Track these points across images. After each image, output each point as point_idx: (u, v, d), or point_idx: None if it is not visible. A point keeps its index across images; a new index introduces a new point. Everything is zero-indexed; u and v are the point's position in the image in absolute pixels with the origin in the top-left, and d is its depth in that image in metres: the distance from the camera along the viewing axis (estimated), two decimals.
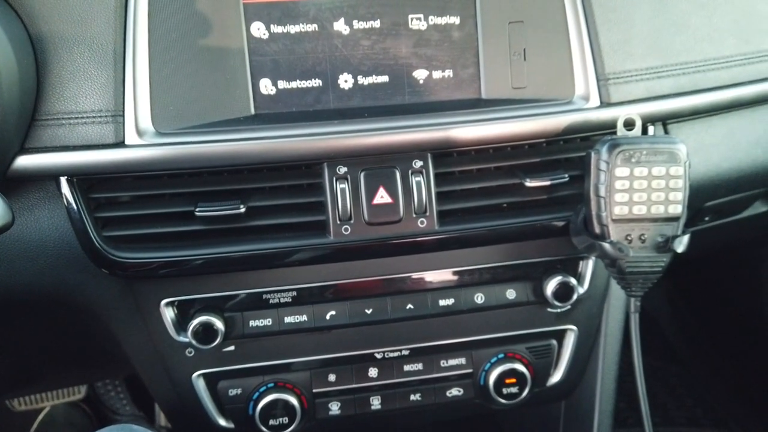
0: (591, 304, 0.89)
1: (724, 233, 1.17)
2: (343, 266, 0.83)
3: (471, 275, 0.86)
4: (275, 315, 0.82)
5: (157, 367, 0.83)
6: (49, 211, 0.78)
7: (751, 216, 1.15)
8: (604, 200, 0.74)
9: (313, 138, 0.77)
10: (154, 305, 0.80)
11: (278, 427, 0.83)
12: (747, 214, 1.15)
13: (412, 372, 0.87)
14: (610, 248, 0.74)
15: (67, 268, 0.79)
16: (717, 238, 1.19)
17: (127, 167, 0.75)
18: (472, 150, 0.83)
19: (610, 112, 0.82)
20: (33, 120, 0.75)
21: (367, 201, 0.79)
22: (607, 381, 0.92)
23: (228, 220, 0.78)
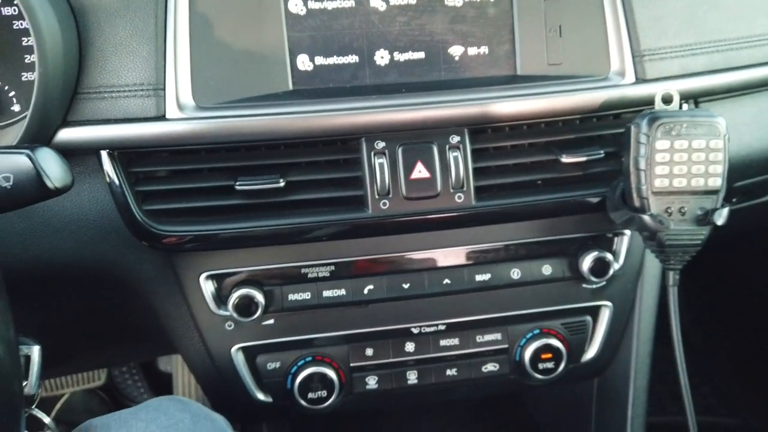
0: (626, 280, 0.89)
1: (750, 216, 1.17)
2: (380, 241, 0.83)
3: (507, 251, 0.86)
4: (314, 289, 0.82)
5: (195, 342, 0.84)
6: (89, 185, 0.78)
7: None
8: (644, 173, 0.74)
9: (351, 112, 0.78)
10: (194, 279, 0.81)
11: (317, 400, 0.83)
12: None
13: (449, 347, 0.87)
14: (650, 221, 0.74)
15: (107, 241, 0.79)
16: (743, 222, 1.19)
17: (168, 141, 0.75)
18: (506, 127, 0.83)
19: (646, 89, 0.83)
20: (75, 93, 0.75)
21: (405, 176, 0.79)
22: (642, 357, 0.92)
23: (267, 195, 0.78)
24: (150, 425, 0.70)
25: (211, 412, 0.76)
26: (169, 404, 0.74)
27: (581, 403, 1.03)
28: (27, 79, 0.77)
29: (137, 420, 0.71)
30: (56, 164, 0.51)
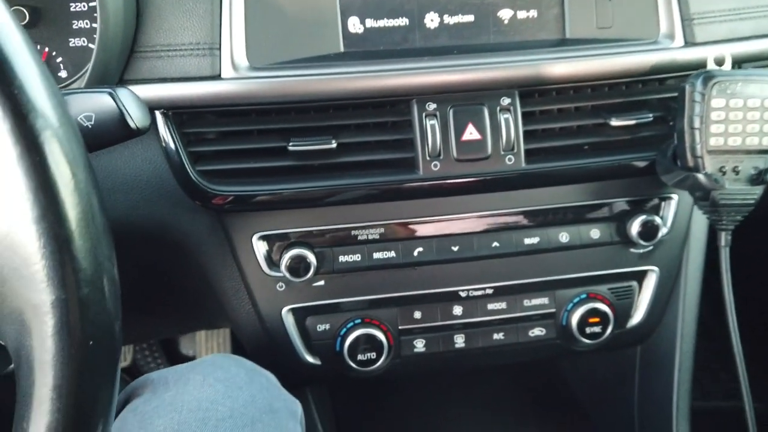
0: (672, 245, 0.89)
1: None
2: (429, 204, 0.83)
3: (555, 214, 0.86)
4: (364, 251, 0.83)
5: (245, 304, 0.84)
6: (142, 146, 0.79)
7: None
8: (698, 132, 0.75)
9: (402, 73, 0.78)
10: (246, 239, 0.81)
11: (366, 362, 0.84)
12: None
13: (496, 311, 0.87)
14: (705, 180, 0.75)
15: (159, 202, 0.80)
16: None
17: (222, 100, 0.76)
18: (553, 91, 0.84)
19: (695, 52, 0.83)
20: (132, 52, 0.76)
21: (456, 137, 0.80)
22: (688, 322, 0.92)
23: (319, 156, 0.79)
24: (208, 378, 0.70)
25: (263, 369, 0.76)
26: (223, 360, 0.75)
27: (623, 372, 1.03)
28: (74, 45, 0.78)
29: (195, 373, 0.71)
30: (137, 104, 0.52)
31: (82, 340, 0.37)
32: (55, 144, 0.35)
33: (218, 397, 0.68)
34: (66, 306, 0.36)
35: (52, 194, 0.35)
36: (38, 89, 0.36)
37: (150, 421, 0.66)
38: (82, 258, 0.37)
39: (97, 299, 0.38)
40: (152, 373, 0.73)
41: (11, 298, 0.37)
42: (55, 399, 0.37)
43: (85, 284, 0.37)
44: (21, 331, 0.38)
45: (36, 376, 0.38)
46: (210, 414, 0.66)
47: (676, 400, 0.94)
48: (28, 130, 0.35)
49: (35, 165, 0.35)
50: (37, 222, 0.35)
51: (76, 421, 0.38)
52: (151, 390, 0.71)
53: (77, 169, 0.36)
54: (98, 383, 0.39)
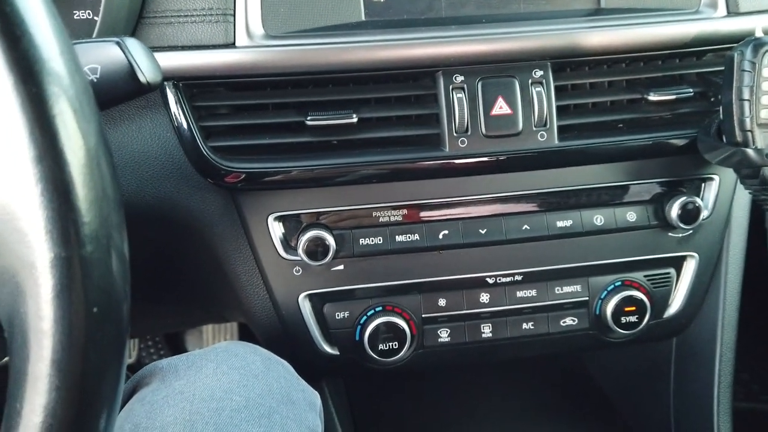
0: (713, 229, 0.84)
1: None
2: (455, 183, 0.78)
3: (589, 196, 0.81)
4: (386, 233, 0.78)
5: (259, 290, 0.79)
6: (150, 120, 0.74)
7: None
8: (748, 103, 0.69)
9: (428, 41, 0.73)
10: (261, 220, 0.76)
11: (387, 352, 0.78)
12: None
13: (525, 298, 0.82)
14: (755, 155, 0.69)
15: (169, 180, 0.75)
16: None
17: (237, 70, 0.71)
18: (586, 65, 0.79)
19: (741, 22, 0.78)
20: (140, 18, 0.71)
21: (484, 112, 0.75)
22: (729, 311, 0.87)
23: (338, 132, 0.74)
24: (221, 365, 0.65)
25: (279, 358, 0.72)
26: (238, 347, 0.70)
27: (656, 365, 0.98)
28: (78, 17, 0.73)
29: (207, 361, 0.66)
30: (148, 56, 0.47)
31: (85, 306, 0.32)
32: (54, 75, 0.30)
33: (233, 386, 0.63)
34: (67, 265, 0.31)
35: (52, 133, 0.30)
36: (35, 13, 0.31)
37: (160, 411, 0.61)
38: (86, 209, 0.32)
39: (103, 259, 0.33)
40: (161, 360, 0.68)
41: (5, 257, 0.32)
42: (53, 375, 0.32)
43: (90, 241, 0.32)
44: (15, 295, 0.32)
45: (31, 349, 0.32)
46: (224, 404, 0.61)
47: (717, 394, 0.88)
48: (22, 55, 0.30)
49: (32, 96, 0.30)
50: (34, 164, 0.30)
51: (78, 402, 0.33)
52: (160, 378, 0.66)
53: (81, 105, 0.31)
54: (103, 358, 0.34)
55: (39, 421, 0.32)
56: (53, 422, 0.32)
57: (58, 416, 0.32)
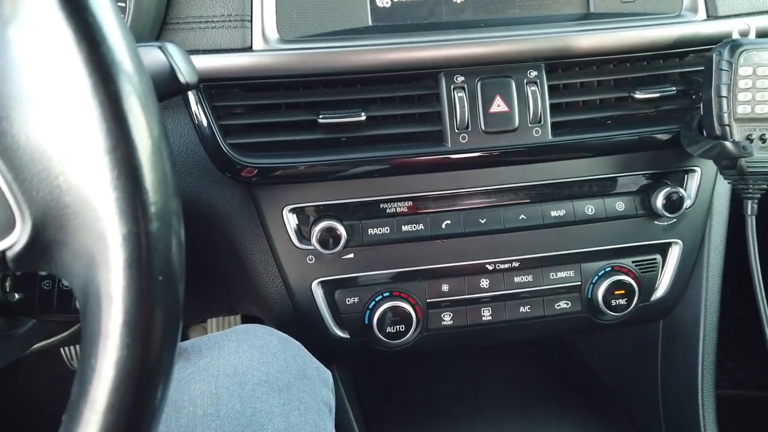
0: (696, 217, 0.90)
1: None
2: (457, 177, 0.84)
3: (581, 187, 0.87)
4: (393, 223, 0.83)
5: (274, 277, 0.84)
6: (173, 119, 0.79)
7: None
8: (726, 100, 0.75)
9: (430, 45, 0.79)
10: (277, 212, 0.81)
11: (395, 334, 0.84)
12: None
13: (522, 283, 0.88)
14: (732, 147, 0.75)
15: (190, 176, 0.80)
16: None
17: (254, 72, 0.76)
18: (577, 66, 0.84)
19: (718, 25, 0.84)
20: (164, 24, 0.76)
21: (483, 109, 0.80)
22: (712, 294, 0.93)
23: (348, 129, 0.79)
24: (242, 345, 0.71)
25: (293, 339, 0.77)
26: (256, 329, 0.75)
27: (645, 347, 1.04)
28: None
29: (228, 341, 0.71)
30: (186, 59, 0.52)
31: (152, 275, 0.37)
32: (127, 75, 0.36)
33: (253, 362, 0.68)
34: (137, 239, 0.36)
35: (126, 125, 0.36)
36: (110, 21, 0.36)
37: (187, 386, 0.66)
38: (153, 191, 0.37)
39: (167, 234, 0.38)
40: (184, 341, 0.73)
41: (81, 232, 0.37)
42: (125, 334, 0.37)
43: (156, 218, 0.37)
44: (90, 266, 0.38)
45: (104, 312, 0.37)
46: (246, 378, 0.66)
47: (701, 372, 0.94)
48: (101, 60, 0.35)
49: (109, 95, 0.35)
50: (109, 152, 0.35)
51: (145, 359, 0.38)
52: (185, 358, 0.71)
53: (147, 103, 0.37)
54: (166, 322, 0.39)
55: (111, 374, 0.37)
56: (123, 375, 0.38)
57: (128, 369, 0.37)
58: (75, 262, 0.38)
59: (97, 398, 0.38)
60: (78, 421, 0.38)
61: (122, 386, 0.38)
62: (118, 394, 0.37)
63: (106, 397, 0.37)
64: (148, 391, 0.39)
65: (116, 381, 0.37)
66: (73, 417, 0.38)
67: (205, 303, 1.08)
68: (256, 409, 0.64)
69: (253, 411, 0.63)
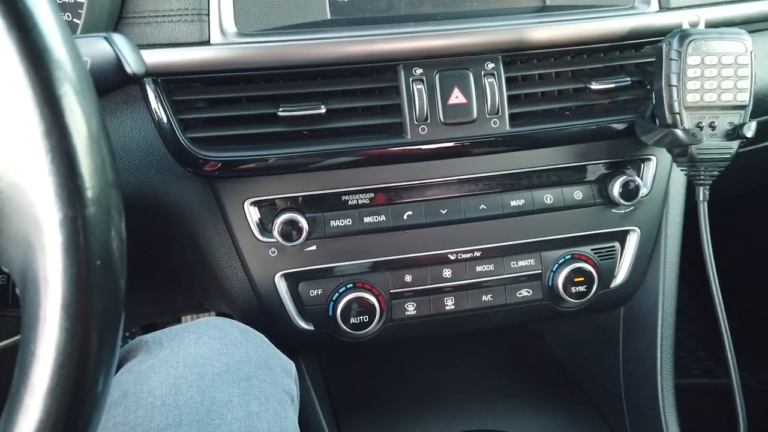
0: (652, 205, 0.92)
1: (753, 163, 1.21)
2: (417, 168, 0.85)
3: (540, 177, 0.89)
4: (355, 215, 0.84)
5: (237, 271, 0.85)
6: (131, 114, 0.79)
7: None
8: (676, 88, 0.77)
9: (389, 38, 0.80)
10: (238, 206, 0.82)
11: (358, 325, 0.85)
12: None
13: (484, 272, 0.89)
14: (683, 135, 0.77)
15: (149, 170, 0.80)
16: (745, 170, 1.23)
17: (212, 66, 0.77)
18: (535, 58, 0.86)
19: (670, 17, 0.86)
20: (120, 18, 0.76)
21: (442, 101, 0.81)
22: (669, 280, 0.95)
23: (309, 121, 0.80)
24: (202, 336, 0.71)
25: (255, 330, 0.77)
26: (217, 321, 0.75)
27: (607, 334, 1.06)
28: None
29: (189, 333, 0.72)
30: (133, 49, 0.52)
31: (90, 259, 0.38)
32: (60, 60, 0.36)
33: (213, 353, 0.69)
34: (74, 224, 0.37)
35: (59, 110, 0.36)
36: (42, 8, 0.36)
37: (146, 378, 0.66)
38: (89, 176, 0.37)
39: (104, 219, 0.38)
40: (145, 335, 0.73)
41: (17, 218, 0.38)
42: (64, 318, 0.38)
43: (92, 203, 0.38)
44: (27, 252, 0.38)
45: (42, 297, 0.38)
46: (206, 369, 0.66)
47: (660, 355, 0.96)
48: (32, 45, 0.35)
49: (42, 79, 0.35)
50: (44, 137, 0.36)
51: (85, 342, 0.38)
52: (145, 351, 0.71)
53: (82, 87, 0.37)
54: (105, 305, 0.39)
55: (51, 358, 0.38)
56: (64, 359, 0.38)
57: (67, 353, 0.38)
58: (12, 248, 0.39)
59: (36, 383, 0.38)
60: (18, 406, 0.38)
61: (62, 370, 0.38)
62: (58, 378, 0.38)
63: (46, 382, 0.38)
64: (89, 375, 0.39)
65: (55, 365, 0.38)
66: (13, 402, 0.38)
67: (175, 300, 1.08)
68: (215, 399, 0.64)
69: (212, 401, 0.64)
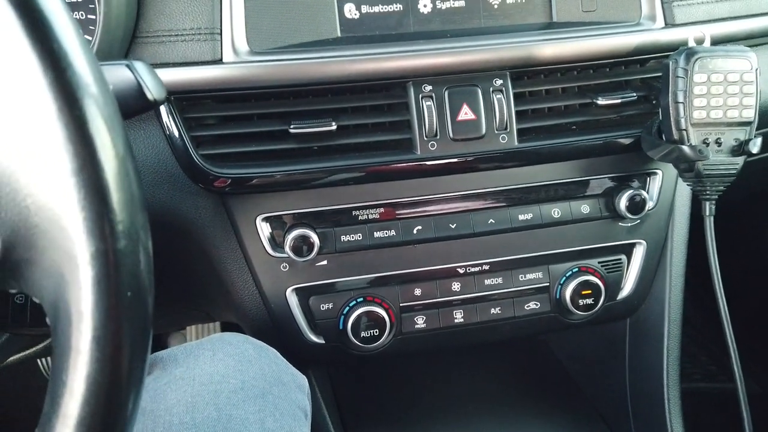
0: (658, 218, 0.93)
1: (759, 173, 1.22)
2: (427, 183, 0.86)
3: (547, 191, 0.90)
4: (365, 230, 0.85)
5: (249, 285, 0.85)
6: (144, 131, 0.80)
7: None
8: (683, 105, 0.78)
9: (399, 55, 0.81)
10: (250, 221, 0.83)
11: (369, 339, 0.86)
12: None
13: (493, 286, 0.90)
14: (690, 151, 0.78)
15: (162, 186, 0.81)
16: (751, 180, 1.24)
17: (225, 84, 0.77)
18: (542, 74, 0.87)
19: (675, 33, 0.87)
20: (134, 37, 0.77)
21: (451, 118, 0.82)
22: (675, 291, 0.96)
23: (319, 138, 0.81)
24: (217, 353, 0.72)
25: (269, 346, 0.78)
26: (231, 337, 0.76)
27: (613, 346, 1.07)
28: None
29: (204, 349, 0.73)
30: (153, 76, 0.53)
31: (121, 290, 0.39)
32: (92, 99, 0.37)
33: (229, 370, 0.70)
34: (105, 257, 0.38)
35: (91, 147, 0.37)
36: (74, 47, 0.37)
37: (163, 396, 0.67)
38: (120, 210, 0.38)
39: (134, 251, 0.39)
40: (160, 351, 0.74)
41: (50, 251, 0.38)
42: (95, 349, 0.38)
43: (123, 236, 0.38)
44: (59, 284, 0.39)
45: (74, 328, 0.39)
46: (222, 386, 0.67)
47: (666, 366, 0.97)
48: (66, 85, 0.36)
49: (74, 118, 0.36)
50: (76, 174, 0.37)
51: (115, 373, 0.39)
52: (161, 367, 0.72)
53: (112, 124, 0.38)
54: (135, 336, 0.40)
55: (82, 389, 0.39)
56: (94, 389, 0.39)
57: (99, 383, 0.39)
58: (45, 279, 0.39)
59: (68, 412, 0.39)
60: None
61: (93, 400, 0.39)
62: (89, 407, 0.39)
63: (78, 411, 0.39)
64: (119, 403, 0.40)
65: (87, 395, 0.39)
66: (45, 430, 0.39)
67: (183, 311, 1.09)
68: (231, 417, 0.65)
69: (229, 418, 0.65)
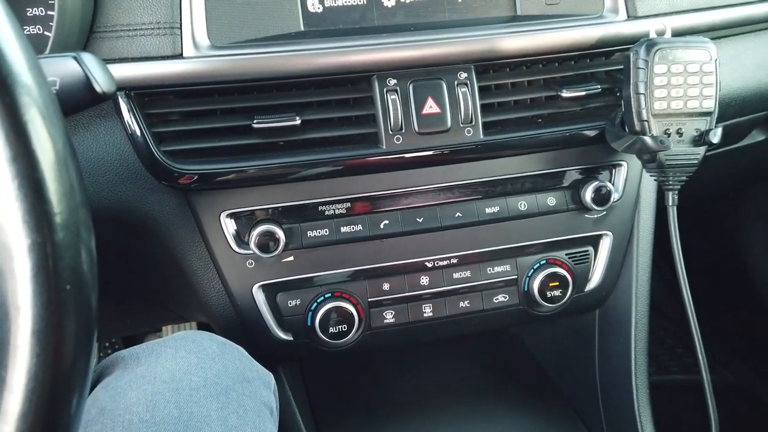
0: (624, 209, 0.94)
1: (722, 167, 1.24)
2: (393, 177, 0.86)
3: (514, 184, 0.90)
4: (332, 225, 0.84)
5: (215, 283, 0.84)
6: (104, 128, 0.79)
7: (749, 145, 1.23)
8: (644, 97, 0.79)
9: (363, 49, 0.80)
10: (214, 218, 0.82)
11: (337, 335, 0.85)
12: (745, 143, 1.23)
13: (461, 279, 0.90)
14: (651, 142, 0.79)
15: (124, 184, 0.80)
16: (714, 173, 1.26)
17: (185, 79, 0.77)
18: (507, 67, 0.87)
19: (638, 25, 0.88)
20: (91, 33, 0.76)
21: (416, 111, 0.82)
22: (642, 282, 0.97)
23: (284, 133, 0.80)
24: (180, 351, 0.71)
25: (234, 343, 0.77)
26: (195, 335, 0.75)
27: (583, 337, 1.07)
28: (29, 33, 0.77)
29: (166, 347, 0.72)
30: (102, 68, 0.52)
31: (59, 284, 0.38)
32: (25, 86, 0.36)
33: (191, 368, 0.69)
34: (43, 248, 0.37)
35: (25, 136, 0.36)
36: (5, 35, 0.36)
37: (123, 394, 0.66)
38: (57, 201, 0.37)
39: (74, 244, 0.38)
40: (122, 351, 0.73)
41: None
42: (34, 344, 0.38)
43: (61, 228, 0.38)
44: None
45: (12, 322, 0.38)
46: (183, 384, 0.66)
47: (634, 357, 0.98)
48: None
49: (6, 106, 0.35)
50: (10, 163, 0.36)
51: (56, 367, 0.38)
52: (122, 366, 0.71)
53: (48, 114, 0.37)
54: (76, 330, 0.39)
55: (23, 384, 0.38)
56: (35, 385, 0.38)
57: (39, 379, 0.38)
58: None
59: (8, 409, 0.38)
60: None
61: (33, 396, 0.38)
62: (29, 403, 0.38)
63: (18, 407, 0.38)
64: (61, 400, 0.39)
65: (26, 391, 0.38)
66: None
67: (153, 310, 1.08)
68: (192, 414, 0.64)
69: (190, 416, 0.64)
